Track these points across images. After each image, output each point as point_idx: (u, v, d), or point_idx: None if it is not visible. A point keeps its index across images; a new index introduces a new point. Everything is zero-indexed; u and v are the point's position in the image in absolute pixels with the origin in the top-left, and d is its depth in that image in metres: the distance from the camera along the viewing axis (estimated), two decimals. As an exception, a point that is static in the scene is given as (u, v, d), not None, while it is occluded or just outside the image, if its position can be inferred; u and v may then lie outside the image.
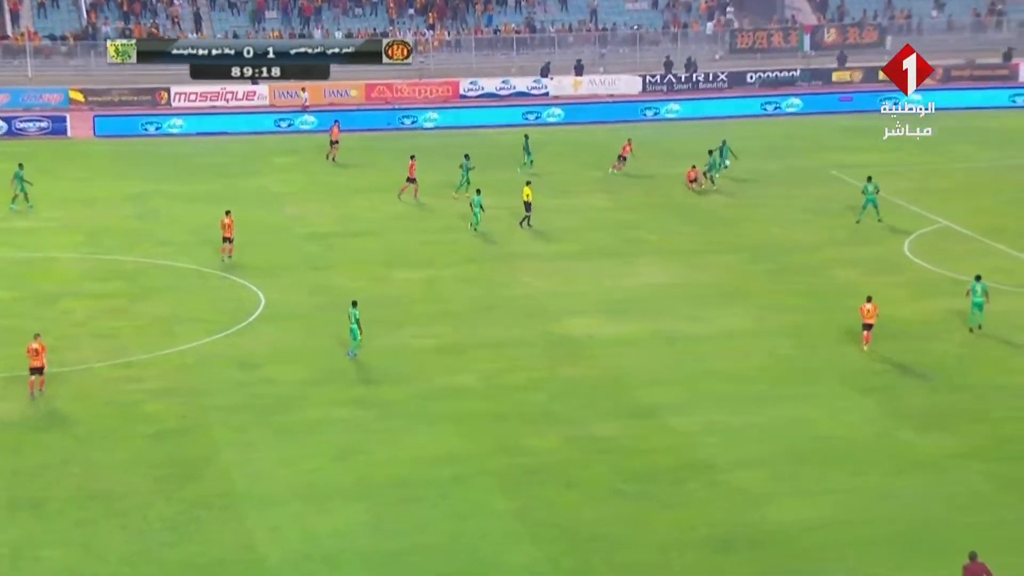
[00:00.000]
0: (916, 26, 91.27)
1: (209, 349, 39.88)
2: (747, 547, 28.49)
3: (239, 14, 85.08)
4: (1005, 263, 47.98)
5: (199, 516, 29.76)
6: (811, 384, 37.28)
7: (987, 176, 61.67)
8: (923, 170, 62.34)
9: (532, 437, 33.87)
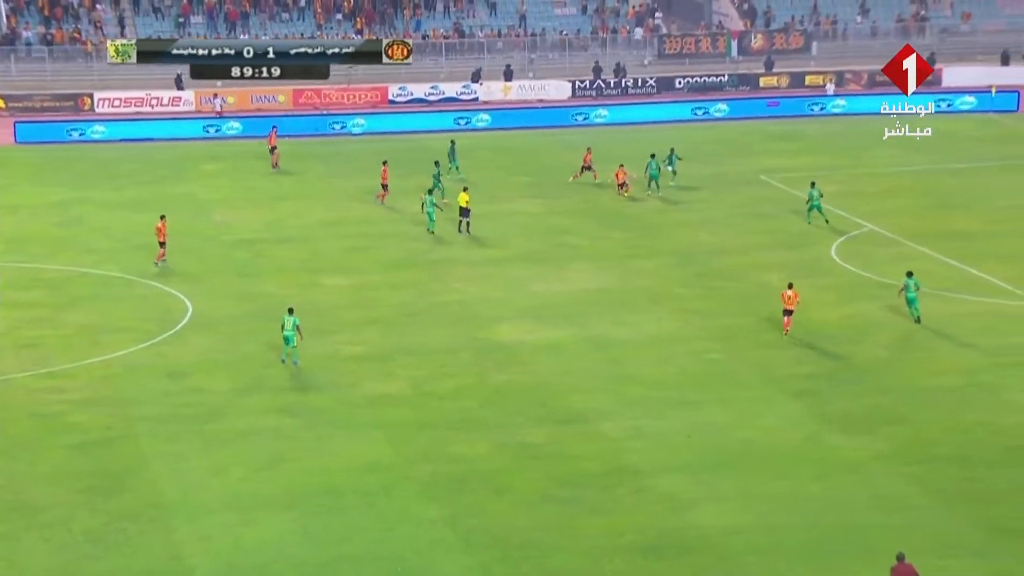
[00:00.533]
0: (841, 32, 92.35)
1: (136, 358, 39.61)
2: (674, 552, 28.72)
3: (163, 19, 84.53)
4: (929, 266, 48.63)
5: (125, 528, 29.55)
6: (737, 388, 37.61)
7: (912, 180, 62.50)
8: (849, 175, 63.10)
9: (461, 444, 33.94)
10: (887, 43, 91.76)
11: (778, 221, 54.93)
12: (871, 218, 54.65)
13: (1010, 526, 29.73)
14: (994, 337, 41.43)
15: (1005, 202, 58.14)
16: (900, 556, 25.98)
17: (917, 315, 42.36)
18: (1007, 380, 37.94)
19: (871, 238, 52.52)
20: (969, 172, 63.80)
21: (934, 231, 53.04)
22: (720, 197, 59.01)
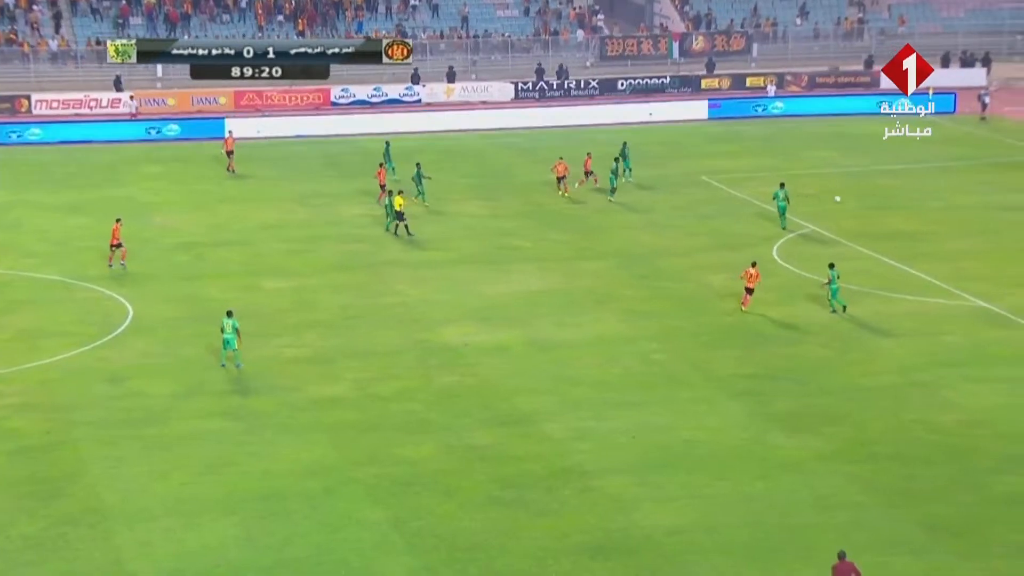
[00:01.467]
0: (782, 34, 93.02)
1: (75, 362, 39.25)
2: (619, 553, 28.82)
3: (102, 20, 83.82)
4: (868, 266, 49.16)
5: (65, 533, 29.27)
6: (681, 389, 37.79)
7: (850, 181, 63.06)
8: (789, 175, 63.44)
9: (406, 446, 33.88)
10: (826, 45, 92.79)
11: (720, 222, 55.26)
12: (811, 219, 55.09)
13: (948, 523, 30.07)
14: (931, 336, 41.89)
15: (941, 203, 58.84)
16: (841, 554, 26.19)
17: (843, 304, 43.20)
18: (944, 378, 38.36)
19: (812, 239, 52.94)
20: (906, 173, 64.49)
21: (873, 231, 53.58)
22: (663, 198, 59.28)
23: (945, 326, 42.82)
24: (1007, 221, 55.46)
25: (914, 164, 65.82)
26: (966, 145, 71.75)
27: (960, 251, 50.95)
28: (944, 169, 65.39)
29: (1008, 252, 50.78)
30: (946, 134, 75.06)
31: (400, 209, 51.91)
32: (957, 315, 43.96)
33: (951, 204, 58.47)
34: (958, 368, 39.18)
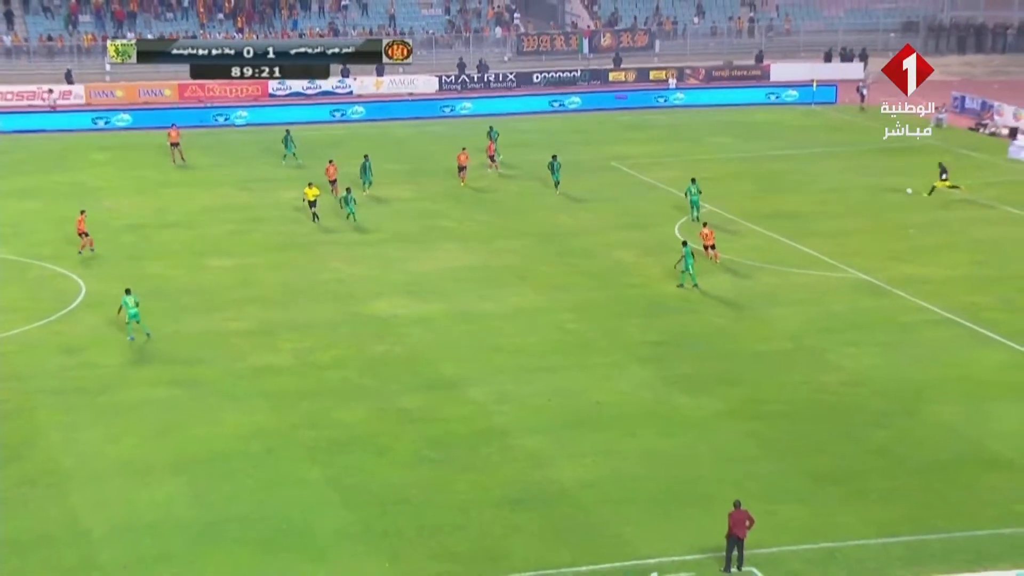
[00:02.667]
0: (681, 32, 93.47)
1: (31, 336, 38.72)
2: (537, 504, 29.00)
3: (53, 17, 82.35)
4: (761, 242, 49.64)
5: (24, 494, 28.96)
6: (593, 355, 38.00)
7: (744, 165, 63.61)
8: (689, 160, 63.98)
9: (342, 410, 33.83)
10: (721, 42, 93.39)
11: (628, 203, 55.51)
12: (712, 200, 55.46)
13: (830, 473, 30.59)
14: (818, 305, 42.43)
15: (825, 184, 59.51)
16: (736, 503, 26.56)
17: (695, 282, 43.45)
18: (829, 343, 38.90)
19: (710, 218, 53.32)
20: (794, 158, 65.15)
21: (765, 211, 54.08)
22: (576, 182, 59.38)
23: (829, 296, 43.40)
24: (885, 201, 56.25)
25: (801, 149, 66.53)
26: (847, 132, 72.62)
27: (843, 229, 51.59)
28: (828, 154, 66.15)
29: (885, 229, 51.53)
30: (829, 122, 76.06)
31: (314, 199, 51.04)
32: (840, 287, 44.57)
33: (835, 186, 59.16)
34: (841, 334, 39.74)
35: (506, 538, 27.59)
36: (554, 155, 56.60)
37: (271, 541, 27.25)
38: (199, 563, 26.39)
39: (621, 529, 27.96)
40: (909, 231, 51.14)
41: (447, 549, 27.13)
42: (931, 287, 43.89)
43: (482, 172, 59.83)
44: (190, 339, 38.65)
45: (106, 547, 26.88)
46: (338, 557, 26.77)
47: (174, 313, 40.86)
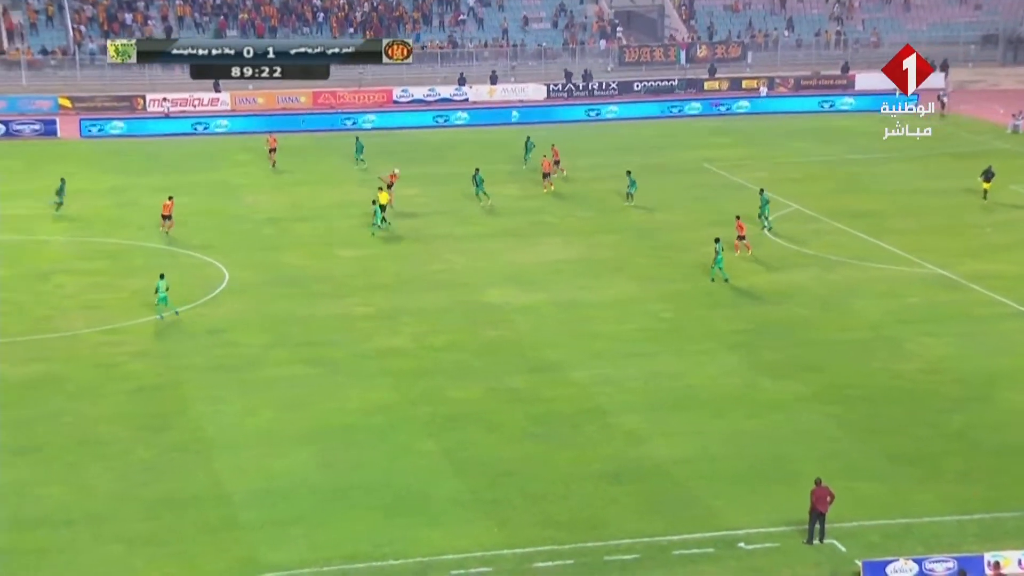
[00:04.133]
0: (772, 44, 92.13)
1: (182, 318, 39.48)
2: (632, 479, 28.87)
3: (204, 32, 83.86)
4: (844, 239, 48.81)
5: (174, 459, 29.58)
6: (685, 342, 37.69)
7: (826, 168, 62.50)
8: (776, 163, 63.10)
9: (455, 389, 33.98)
10: (809, 53, 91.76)
11: (718, 202, 54.84)
12: (795, 199, 54.71)
13: (907, 454, 30.02)
14: (896, 298, 41.62)
15: (903, 186, 58.23)
16: (818, 480, 26.18)
17: (725, 276, 42.56)
18: (906, 333, 38.14)
19: (796, 216, 52.61)
20: (873, 162, 63.77)
21: (846, 210, 53.12)
22: (670, 182, 58.91)
23: (907, 289, 42.53)
24: (959, 201, 54.91)
25: (882, 154, 65.15)
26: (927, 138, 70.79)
27: (919, 227, 50.50)
28: (908, 158, 64.69)
29: (960, 227, 50.37)
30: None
31: (385, 203, 49.52)
32: (917, 280, 43.64)
33: (914, 187, 57.88)
34: (918, 324, 38.94)
35: (605, 508, 27.51)
36: (628, 171, 55.22)
37: (391, 506, 27.49)
38: (327, 525, 26.70)
39: (711, 502, 27.72)
40: (986, 229, 49.89)
41: (550, 517, 27.12)
42: (1005, 282, 42.75)
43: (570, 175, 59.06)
44: (321, 322, 39.11)
45: (245, 508, 27.35)
46: (451, 522, 26.91)
47: (307, 298, 41.39)
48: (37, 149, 64.86)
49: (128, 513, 27.03)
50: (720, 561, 25.41)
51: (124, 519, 26.80)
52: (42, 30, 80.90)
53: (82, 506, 27.28)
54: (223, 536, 26.23)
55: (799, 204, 54.08)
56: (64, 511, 27.03)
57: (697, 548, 25.82)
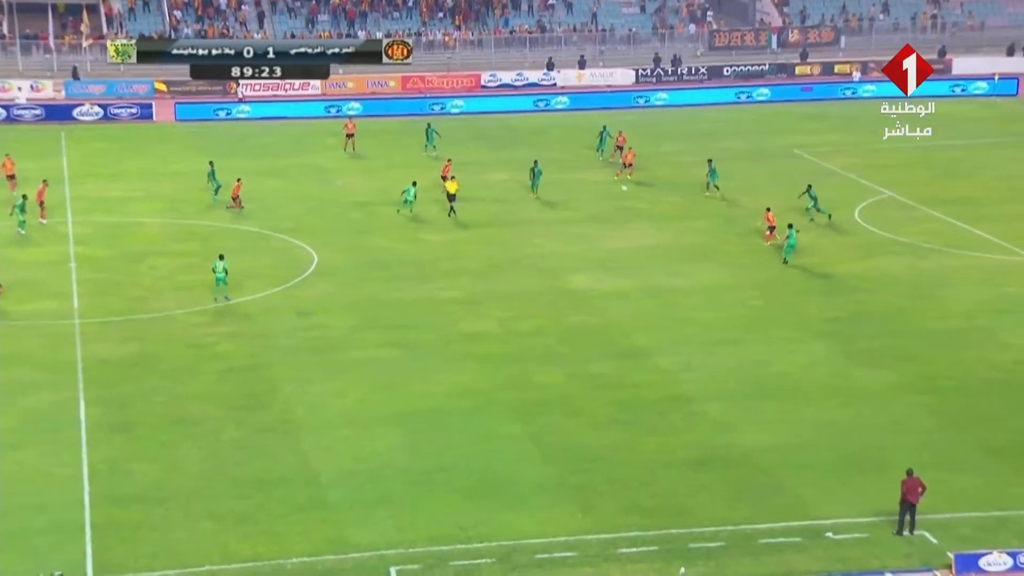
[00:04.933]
0: (867, 27, 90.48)
1: (272, 300, 40.00)
2: (719, 466, 28.64)
3: (296, 17, 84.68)
4: (938, 227, 47.86)
5: (264, 439, 29.99)
6: (774, 330, 37.28)
7: (921, 154, 61.18)
8: (868, 149, 61.94)
9: (541, 374, 33.98)
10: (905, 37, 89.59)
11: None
12: (889, 186, 53.74)
13: (1002, 446, 29.37)
14: (992, 287, 40.71)
15: (998, 172, 56.95)
16: (909, 471, 25.74)
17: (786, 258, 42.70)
18: (1002, 323, 37.32)
19: (890, 203, 51.69)
20: (971, 147, 62.38)
21: (941, 197, 52.07)
22: (760, 168, 58.23)
23: (1004, 278, 41.56)
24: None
25: (977, 139, 63.68)
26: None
27: (1017, 214, 49.29)
28: (1005, 144, 63.14)
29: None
30: (1008, 113, 72.56)
31: (454, 192, 49.23)
32: (1014, 269, 42.61)
33: (1010, 173, 56.50)
34: (1015, 314, 38.07)
35: (691, 496, 27.32)
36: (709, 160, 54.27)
37: (477, 489, 27.59)
38: (414, 507, 26.88)
39: (799, 491, 27.39)
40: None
41: (636, 503, 27.00)
42: (1106, 272, 41.58)
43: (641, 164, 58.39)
44: (408, 305, 39.33)
45: (333, 489, 27.64)
46: (537, 507, 26.92)
47: (395, 282, 41.65)
48: (134, 132, 66.08)
49: (218, 491, 27.47)
50: (807, 551, 25.11)
51: (215, 497, 27.23)
52: (140, 16, 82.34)
53: (174, 483, 27.78)
54: (311, 515, 26.53)
55: (893, 191, 53.12)
56: (157, 488, 27.55)
57: (784, 537, 25.54)
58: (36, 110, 68.22)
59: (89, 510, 26.59)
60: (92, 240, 45.96)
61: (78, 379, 33.26)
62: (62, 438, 29.77)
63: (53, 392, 32.44)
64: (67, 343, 35.77)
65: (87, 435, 29.92)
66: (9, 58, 76.01)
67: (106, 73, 74.26)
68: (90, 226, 47.82)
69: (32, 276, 39.98)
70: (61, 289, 40.22)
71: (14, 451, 29.14)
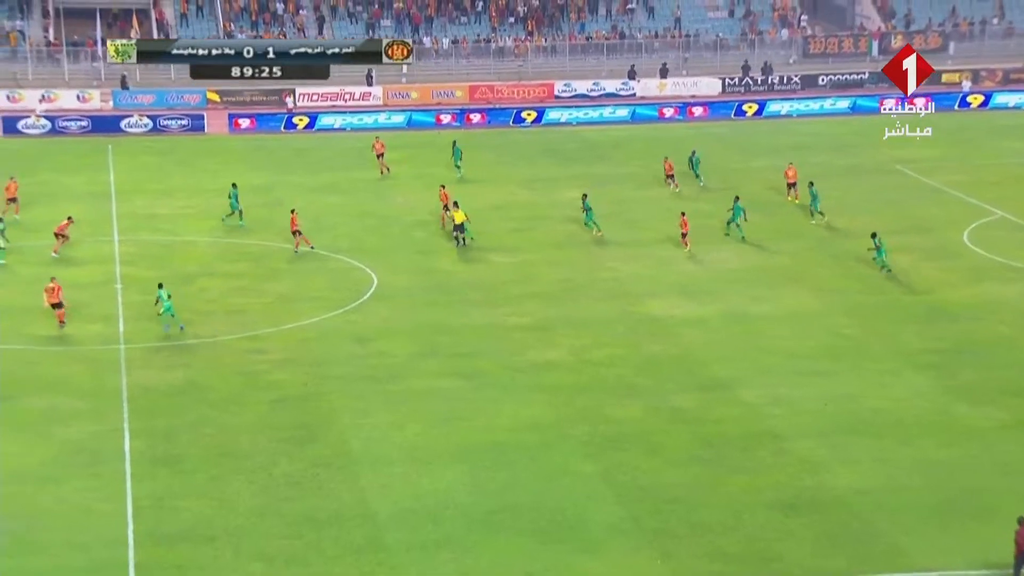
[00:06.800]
0: (978, 32, 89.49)
1: (327, 324, 40.45)
2: (809, 510, 28.44)
3: (356, 22, 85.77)
4: (1055, 251, 47.14)
5: (318, 474, 30.28)
6: (869, 361, 36.96)
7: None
8: (976, 164, 61.26)
9: (616, 407, 33.99)
10: (1021, 43, 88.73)
11: (910, 207, 53.61)
12: (999, 204, 53.01)
13: None
14: (1116, 318, 39.99)
15: None
16: (1021, 519, 25.32)
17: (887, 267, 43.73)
18: None
19: (1001, 224, 51.01)
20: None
21: (1059, 218, 51.29)
22: (857, 184, 57.81)
23: None
24: None
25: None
26: None
27: None
28: None
29: None
30: None
31: (460, 222, 48.57)
32: None
33: None
34: None
35: (779, 541, 27.16)
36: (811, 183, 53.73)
37: (545, 531, 27.64)
38: (477, 549, 27.00)
39: (897, 539, 27.11)
40: None
41: (719, 549, 26.91)
42: None
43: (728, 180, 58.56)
44: (473, 332, 39.58)
45: (391, 529, 27.84)
46: (610, 551, 26.91)
47: (459, 306, 41.95)
48: (184, 145, 67.25)
49: (269, 530, 27.79)
50: (906, 604, 24.85)
51: (265, 536, 27.55)
52: (192, 22, 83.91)
53: (223, 521, 28.14)
54: (367, 558, 26.76)
55: (1005, 211, 52.41)
56: (205, 526, 27.93)
57: (881, 589, 25.29)
58: (82, 121, 69.79)
59: (133, 549, 26.98)
60: (139, 260, 46.86)
61: (122, 408, 33.87)
62: (105, 471, 30.32)
63: (95, 422, 33.06)
64: (111, 370, 36.47)
65: (131, 468, 30.41)
66: (55, 66, 77.75)
67: (156, 82, 75.81)
68: (137, 245, 48.79)
69: (76, 298, 40.82)
70: (106, 312, 41.03)
71: (54, 485, 29.72)
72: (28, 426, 32.76)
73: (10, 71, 76.92)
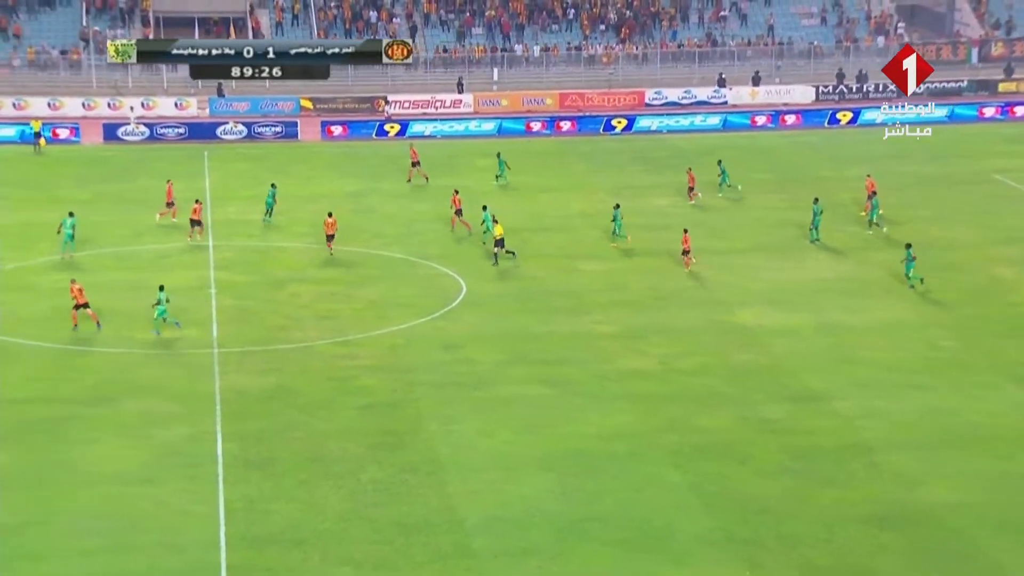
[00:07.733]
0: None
1: (417, 331, 40.61)
2: (904, 524, 27.93)
3: (448, 30, 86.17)
4: None
5: (406, 480, 30.38)
6: (967, 374, 36.26)
7: None
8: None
9: (705, 417, 33.71)
10: None
11: (1011, 218, 52.49)
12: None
13: None
14: None
15: None
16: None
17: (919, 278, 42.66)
18: None
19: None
20: None
21: None
22: (954, 194, 56.83)
23: None
24: None
25: None
26: None
27: None
28: None
29: None
30: None
31: (500, 236, 47.49)
32: None
33: None
34: None
35: (872, 556, 26.71)
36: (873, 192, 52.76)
37: (633, 541, 27.47)
38: (563, 558, 26.89)
39: (996, 556, 26.54)
40: None
41: (810, 562, 26.53)
42: None
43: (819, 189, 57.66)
44: (561, 340, 39.49)
45: (478, 535, 27.84)
46: (698, 562, 26.66)
47: (547, 314, 41.90)
48: (278, 152, 67.99)
49: (358, 535, 27.92)
50: (1004, 625, 24.29)
51: (354, 541, 27.67)
52: (288, 30, 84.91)
53: (312, 525, 28.32)
54: (454, 564, 26.77)
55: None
56: (295, 530, 28.14)
57: (978, 609, 24.74)
58: (180, 128, 70.93)
59: (225, 551, 27.26)
60: (233, 265, 47.43)
61: (215, 412, 34.28)
62: (199, 474, 30.69)
63: (190, 425, 33.50)
64: (205, 374, 36.95)
65: (224, 471, 30.76)
66: (154, 74, 79.18)
67: (251, 90, 76.71)
68: (231, 250, 49.39)
69: (172, 302, 41.38)
70: (201, 316, 41.58)
71: (150, 486, 30.16)
72: (127, 429, 33.29)
73: (111, 79, 78.45)
